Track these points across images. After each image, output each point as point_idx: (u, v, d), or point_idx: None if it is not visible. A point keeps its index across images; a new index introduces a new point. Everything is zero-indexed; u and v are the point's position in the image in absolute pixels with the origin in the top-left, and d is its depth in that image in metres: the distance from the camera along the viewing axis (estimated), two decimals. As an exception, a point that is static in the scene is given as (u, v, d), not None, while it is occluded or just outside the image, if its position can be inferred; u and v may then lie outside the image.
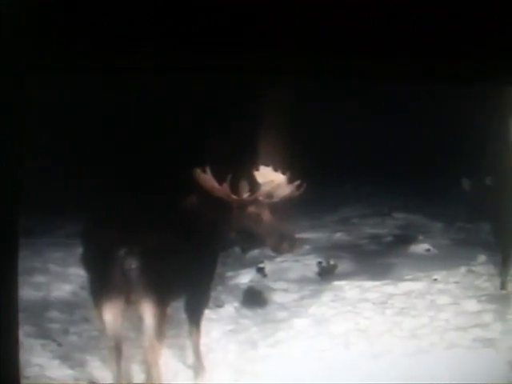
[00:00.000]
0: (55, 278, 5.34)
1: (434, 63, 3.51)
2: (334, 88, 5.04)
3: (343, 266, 5.70)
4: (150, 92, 5.47)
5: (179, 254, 3.89)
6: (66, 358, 4.33)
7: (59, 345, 4.51)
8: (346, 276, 5.49)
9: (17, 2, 3.44)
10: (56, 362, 4.28)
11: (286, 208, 4.25)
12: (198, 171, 4.08)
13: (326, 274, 5.58)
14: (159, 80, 4.34)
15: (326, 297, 5.11)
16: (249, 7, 3.49)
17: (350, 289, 5.20)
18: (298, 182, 4.16)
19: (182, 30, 3.53)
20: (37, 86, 3.56)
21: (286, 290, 5.35)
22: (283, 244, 4.18)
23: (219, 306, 5.03)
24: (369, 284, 5.26)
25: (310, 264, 5.68)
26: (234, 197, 4.10)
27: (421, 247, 6.05)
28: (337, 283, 5.30)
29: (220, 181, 4.07)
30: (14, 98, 3.45)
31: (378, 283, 5.27)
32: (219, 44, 3.53)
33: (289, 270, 5.64)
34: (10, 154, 3.41)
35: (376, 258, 5.89)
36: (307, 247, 5.88)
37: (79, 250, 3.97)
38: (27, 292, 4.97)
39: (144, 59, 3.58)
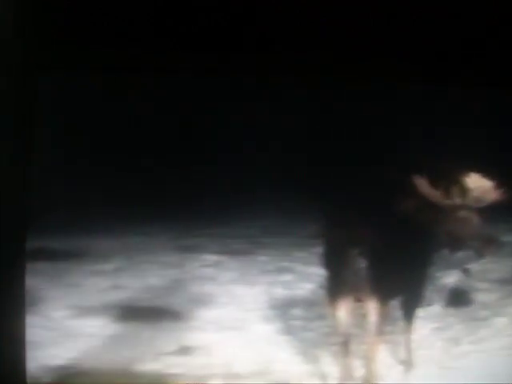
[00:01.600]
0: (299, 277, 5.73)
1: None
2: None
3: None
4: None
5: (400, 254, 4.24)
6: (304, 354, 4.73)
7: (299, 341, 4.91)
8: (543, 276, 5.64)
9: (18, 2, 3.57)
10: (298, 358, 4.72)
11: (490, 212, 4.40)
12: (417, 177, 4.31)
13: (523, 274, 5.78)
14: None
15: (524, 296, 5.37)
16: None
17: (546, 288, 5.41)
18: (504, 189, 4.31)
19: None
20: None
21: (488, 290, 5.64)
22: (489, 247, 4.42)
23: (428, 304, 5.24)
24: None
25: (508, 265, 5.91)
26: (448, 201, 4.30)
27: None
28: (534, 283, 5.52)
29: (435, 186, 4.31)
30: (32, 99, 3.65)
31: None
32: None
33: (490, 270, 5.89)
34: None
35: None
36: (507, 249, 5.93)
37: (319, 250, 4.34)
38: (276, 290, 5.50)
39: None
